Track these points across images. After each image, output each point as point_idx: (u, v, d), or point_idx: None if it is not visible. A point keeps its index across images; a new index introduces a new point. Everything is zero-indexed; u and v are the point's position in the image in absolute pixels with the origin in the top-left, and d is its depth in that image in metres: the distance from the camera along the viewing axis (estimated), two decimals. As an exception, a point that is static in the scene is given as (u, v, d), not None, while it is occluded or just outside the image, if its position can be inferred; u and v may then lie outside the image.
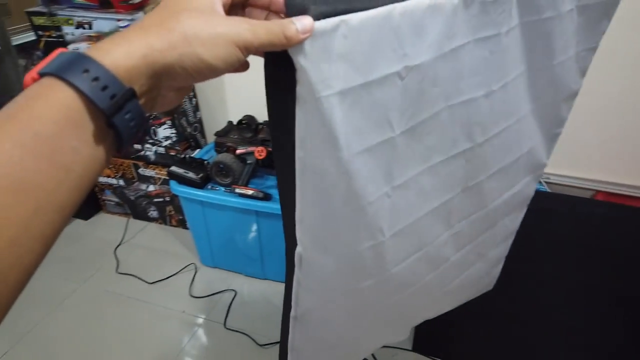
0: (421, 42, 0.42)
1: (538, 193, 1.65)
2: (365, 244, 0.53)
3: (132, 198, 2.17)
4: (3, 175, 0.24)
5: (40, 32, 1.91)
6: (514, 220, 0.79)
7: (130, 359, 1.56)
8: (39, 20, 1.89)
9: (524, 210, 0.80)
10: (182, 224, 2.13)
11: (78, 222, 2.25)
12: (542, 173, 0.75)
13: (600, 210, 1.50)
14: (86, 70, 0.27)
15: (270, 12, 0.37)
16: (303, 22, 0.33)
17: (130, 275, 1.90)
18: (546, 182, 1.67)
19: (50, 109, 0.26)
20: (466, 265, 0.75)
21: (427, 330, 1.52)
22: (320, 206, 0.48)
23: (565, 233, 1.42)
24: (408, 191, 0.51)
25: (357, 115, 0.41)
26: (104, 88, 0.27)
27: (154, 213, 2.17)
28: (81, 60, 0.27)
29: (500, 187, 0.66)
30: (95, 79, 0.27)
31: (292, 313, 0.58)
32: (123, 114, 0.29)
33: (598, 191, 1.64)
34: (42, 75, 0.27)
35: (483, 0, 0.43)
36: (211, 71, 0.32)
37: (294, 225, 0.49)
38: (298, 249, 0.52)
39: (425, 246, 0.61)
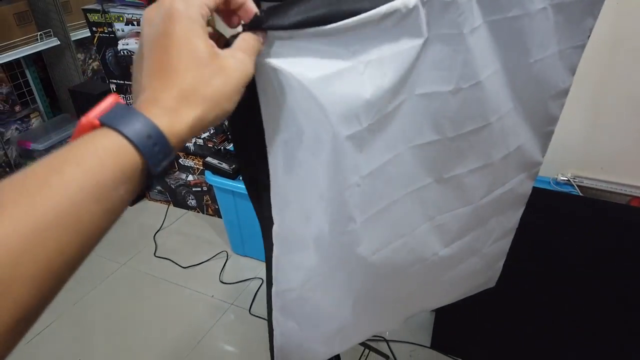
0: (380, 42, 0.45)
1: (569, 197, 1.60)
2: (337, 229, 0.56)
3: (173, 186, 2.28)
4: (67, 214, 0.27)
5: (94, 29, 2.05)
6: (510, 218, 0.80)
7: (161, 336, 1.66)
8: (94, 17, 2.03)
9: (522, 208, 0.80)
10: (217, 213, 2.23)
11: (124, 207, 2.39)
12: (538, 171, 0.75)
13: (635, 218, 1.44)
14: (149, 136, 0.31)
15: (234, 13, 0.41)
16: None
17: (167, 259, 2.01)
18: (578, 186, 1.62)
19: (113, 164, 0.29)
20: (458, 260, 0.76)
21: (446, 328, 1.52)
22: (291, 189, 0.52)
23: (597, 239, 1.37)
24: (376, 180, 0.54)
25: (326, 105, 0.45)
26: (159, 152, 0.31)
27: (192, 202, 2.28)
28: (145, 124, 0.31)
29: (487, 184, 0.68)
30: (155, 144, 0.31)
31: (273, 289, 0.62)
32: (164, 174, 0.34)
33: (634, 197, 1.58)
34: (102, 123, 0.31)
35: (439, 1, 0.45)
36: (227, 115, 0.37)
37: (269, 204, 0.53)
38: (275, 228, 0.56)
39: (403, 236, 0.63)
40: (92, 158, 0.29)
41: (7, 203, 0.26)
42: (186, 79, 0.33)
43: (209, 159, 1.83)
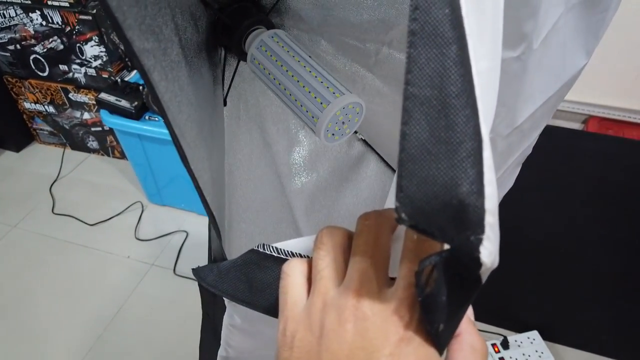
0: None
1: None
2: None
3: (67, 127, 1.90)
4: None
5: None
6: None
7: (71, 310, 1.40)
8: None
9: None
10: (126, 155, 1.90)
11: (8, 155, 1.99)
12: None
13: (589, 144, 1.38)
14: None
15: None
16: None
17: (68, 216, 1.70)
18: (533, 107, 1.48)
19: None
20: None
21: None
22: None
23: (553, 168, 1.29)
24: None
25: None
26: None
27: (93, 144, 1.92)
28: None
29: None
30: None
31: (223, 353, 0.43)
32: None
33: (591, 116, 1.46)
34: None
35: None
36: None
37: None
38: None
39: None
40: None
41: None
42: None
43: (103, 95, 1.47)
